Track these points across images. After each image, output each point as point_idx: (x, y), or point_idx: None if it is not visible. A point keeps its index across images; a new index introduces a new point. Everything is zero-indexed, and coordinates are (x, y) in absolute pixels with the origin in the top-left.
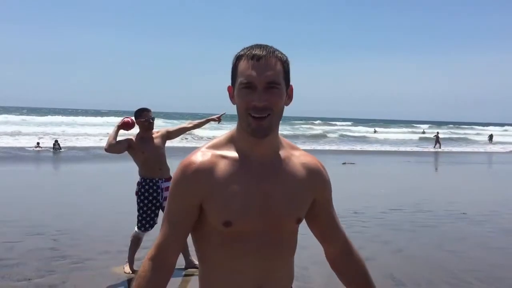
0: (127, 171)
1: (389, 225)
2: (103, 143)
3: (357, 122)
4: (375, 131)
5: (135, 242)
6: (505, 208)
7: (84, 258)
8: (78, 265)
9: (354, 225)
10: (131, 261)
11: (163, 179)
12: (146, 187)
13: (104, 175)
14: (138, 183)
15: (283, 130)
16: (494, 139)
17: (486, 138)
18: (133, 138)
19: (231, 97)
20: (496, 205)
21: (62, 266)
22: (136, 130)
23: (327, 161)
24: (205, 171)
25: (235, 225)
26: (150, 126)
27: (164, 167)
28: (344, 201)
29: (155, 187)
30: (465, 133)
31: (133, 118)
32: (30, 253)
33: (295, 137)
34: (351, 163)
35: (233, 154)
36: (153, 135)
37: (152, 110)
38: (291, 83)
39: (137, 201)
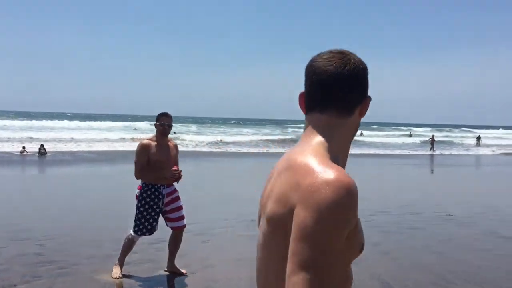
0: (114, 176)
1: (377, 227)
2: (91, 148)
3: None
4: (361, 134)
5: (129, 245)
6: (491, 209)
7: (71, 263)
8: (65, 270)
9: None
10: (121, 264)
11: (165, 185)
12: (148, 192)
13: (91, 179)
14: (140, 187)
15: (276, 134)
16: (482, 141)
17: (474, 141)
18: (152, 143)
19: (365, 110)
20: (483, 207)
21: (48, 271)
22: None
23: None
24: None
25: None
26: (165, 131)
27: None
28: None
29: (156, 193)
30: (456, 136)
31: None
32: (16, 259)
33: (285, 141)
34: None
35: None
36: (169, 142)
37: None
38: None
39: (137, 205)
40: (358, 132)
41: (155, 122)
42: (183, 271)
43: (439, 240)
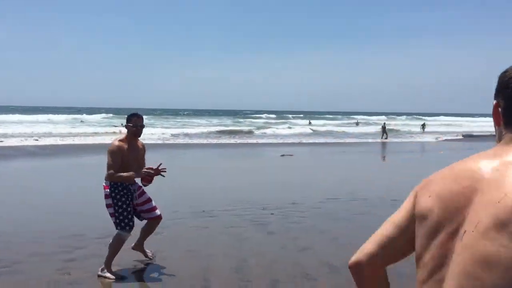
0: (58, 171)
1: (326, 214)
2: (37, 142)
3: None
4: (310, 123)
5: (119, 244)
6: None
7: (14, 261)
8: (8, 269)
9: (292, 215)
10: (110, 264)
11: (132, 184)
12: (120, 188)
13: (35, 174)
14: (107, 187)
15: (228, 124)
16: (430, 128)
17: (419, 128)
18: (123, 143)
19: None
20: None
21: None
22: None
23: (266, 154)
24: None
25: None
26: (138, 132)
27: None
28: (283, 192)
29: (125, 190)
30: (406, 124)
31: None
32: None
33: (235, 132)
34: (289, 155)
35: None
36: (138, 143)
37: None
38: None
39: (112, 204)
40: (306, 121)
41: (126, 124)
42: (149, 253)
43: None
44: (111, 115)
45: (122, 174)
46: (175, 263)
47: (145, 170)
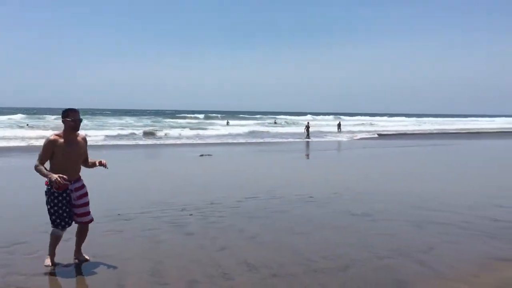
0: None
1: (244, 213)
2: None
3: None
4: (227, 123)
5: (55, 240)
6: (346, 190)
7: None
8: None
9: (210, 215)
10: (52, 255)
11: (72, 181)
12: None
13: None
14: (47, 182)
15: (148, 125)
16: (349, 128)
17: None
18: (59, 138)
19: None
20: (339, 188)
21: None
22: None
23: (185, 154)
24: None
25: None
26: (76, 126)
27: (78, 170)
28: (202, 192)
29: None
30: (328, 124)
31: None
32: None
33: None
34: (208, 155)
35: None
36: (77, 137)
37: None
38: None
39: (48, 200)
40: (224, 122)
41: (63, 119)
42: (87, 257)
43: (301, 222)
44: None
45: (42, 168)
46: (87, 269)
47: (58, 178)
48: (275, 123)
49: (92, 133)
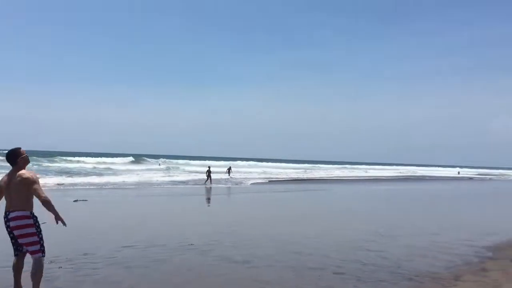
0: None
1: (121, 263)
2: None
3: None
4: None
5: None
6: (228, 236)
7: None
8: None
9: (83, 267)
10: None
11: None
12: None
13: None
14: (31, 216)
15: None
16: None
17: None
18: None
19: None
20: (220, 235)
21: None
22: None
23: (58, 199)
24: None
25: None
26: (27, 163)
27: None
28: (74, 242)
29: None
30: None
31: None
32: None
33: None
34: (83, 200)
35: None
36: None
37: None
38: None
39: (38, 231)
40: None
41: (20, 157)
42: None
43: (181, 271)
44: None
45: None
46: None
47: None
48: (160, 165)
49: None
